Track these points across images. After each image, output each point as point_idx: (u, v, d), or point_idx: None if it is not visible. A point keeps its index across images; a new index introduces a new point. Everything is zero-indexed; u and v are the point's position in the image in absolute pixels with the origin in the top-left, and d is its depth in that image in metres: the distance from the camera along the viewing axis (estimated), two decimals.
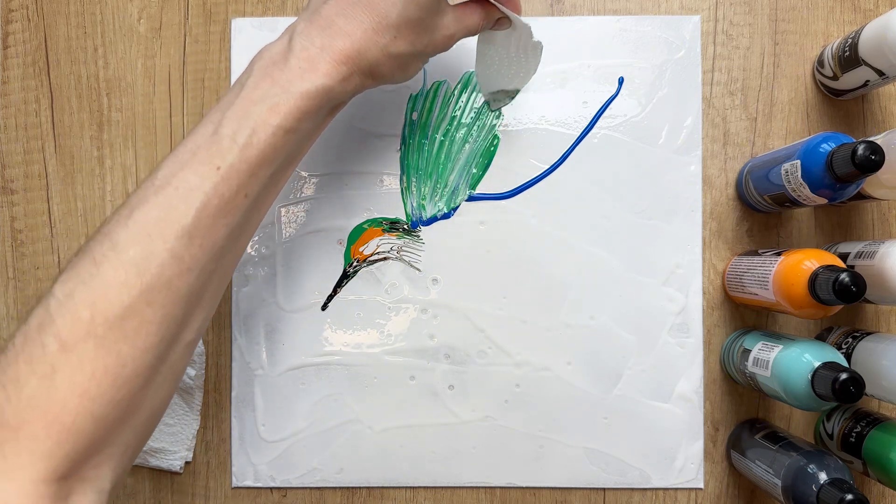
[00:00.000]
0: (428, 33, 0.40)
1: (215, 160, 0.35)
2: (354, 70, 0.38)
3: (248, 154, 0.36)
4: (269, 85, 0.37)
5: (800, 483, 0.41)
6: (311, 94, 0.37)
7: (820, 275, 0.39)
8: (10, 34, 0.53)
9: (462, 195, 0.52)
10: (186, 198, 0.34)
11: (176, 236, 0.34)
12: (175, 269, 0.34)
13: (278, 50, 0.38)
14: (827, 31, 0.52)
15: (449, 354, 0.51)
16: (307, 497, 0.52)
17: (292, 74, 0.37)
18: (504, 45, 0.46)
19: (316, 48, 0.37)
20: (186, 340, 0.36)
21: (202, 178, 0.35)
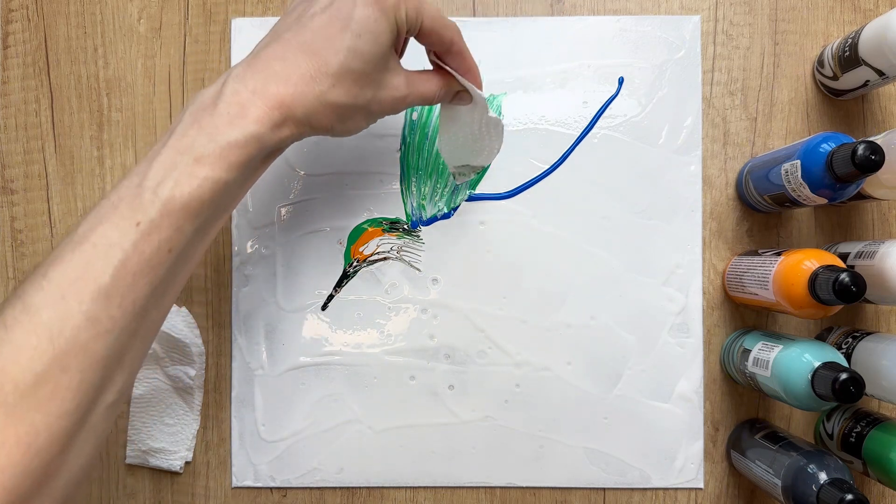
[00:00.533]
0: (371, 89, 0.39)
1: (136, 215, 0.33)
2: (288, 117, 0.36)
3: (171, 208, 0.34)
4: (196, 132, 0.35)
5: (800, 483, 0.41)
6: (241, 143, 0.35)
7: (820, 275, 0.39)
8: (10, 34, 0.53)
9: (462, 195, 0.52)
10: (105, 255, 0.33)
11: (92, 297, 0.32)
12: (92, 332, 0.32)
13: (210, 94, 0.36)
14: (827, 31, 0.52)
15: (449, 354, 0.51)
16: (307, 497, 0.52)
17: (220, 120, 0.35)
18: (467, 121, 0.46)
19: (248, 92, 0.36)
20: (107, 402, 0.34)
21: (122, 234, 0.33)
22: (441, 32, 0.41)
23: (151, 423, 0.51)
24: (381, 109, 0.41)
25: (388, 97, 0.40)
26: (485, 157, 0.49)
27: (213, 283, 0.52)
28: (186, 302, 0.52)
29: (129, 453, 0.52)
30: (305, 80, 0.37)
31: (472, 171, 0.50)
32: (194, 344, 0.51)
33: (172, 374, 0.51)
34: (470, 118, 0.45)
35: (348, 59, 0.37)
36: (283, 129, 0.37)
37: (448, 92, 0.43)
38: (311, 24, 0.37)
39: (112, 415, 0.36)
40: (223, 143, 0.35)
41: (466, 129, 0.46)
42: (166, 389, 0.51)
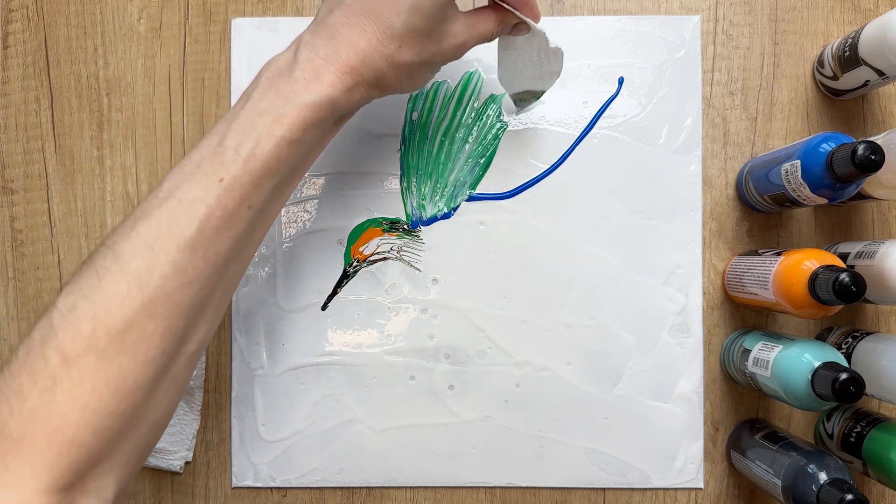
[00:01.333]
0: (435, 42, 0.40)
1: (219, 172, 0.35)
2: (359, 80, 0.38)
3: (252, 166, 0.35)
4: (274, 96, 0.37)
5: (800, 483, 0.41)
6: (316, 105, 0.37)
7: (820, 275, 0.39)
8: (10, 34, 0.53)
9: (462, 195, 0.52)
10: (189, 210, 0.34)
11: (179, 248, 0.34)
12: (177, 282, 0.34)
13: (284, 61, 0.38)
14: (827, 31, 0.52)
15: (449, 354, 0.51)
16: (307, 497, 0.52)
17: (297, 86, 0.37)
18: (525, 49, 0.46)
19: (320, 59, 0.37)
20: (189, 352, 0.36)
21: (205, 190, 0.35)
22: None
23: None
24: (444, 59, 0.42)
25: (451, 45, 0.41)
26: (545, 82, 0.48)
27: None
28: None
29: None
30: (373, 45, 0.38)
31: (532, 96, 0.50)
32: None
33: None
34: (529, 46, 0.45)
35: (411, 17, 0.38)
36: (354, 92, 0.38)
37: (506, 27, 0.44)
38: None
39: (193, 364, 0.37)
40: (300, 104, 0.36)
41: (525, 56, 0.46)
42: None
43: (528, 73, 0.48)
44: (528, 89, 0.49)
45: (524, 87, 0.49)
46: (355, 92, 0.38)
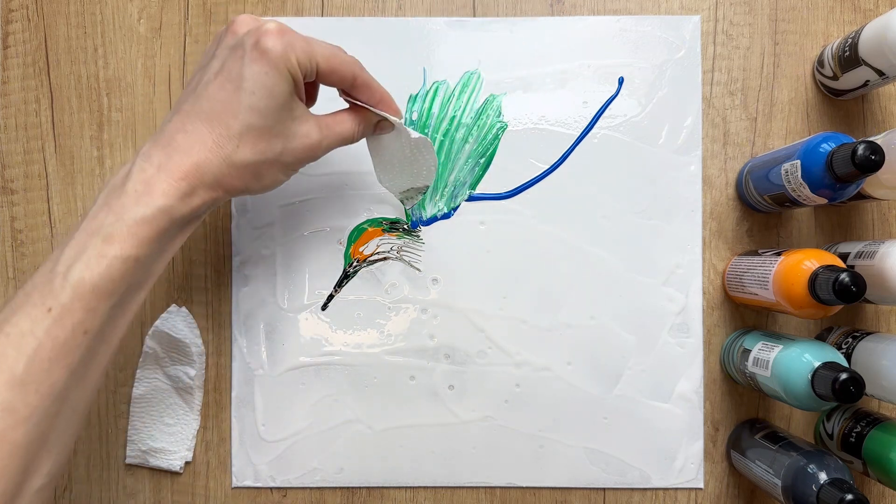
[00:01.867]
0: (280, 141, 0.39)
1: (47, 301, 0.34)
2: (196, 185, 0.37)
3: (82, 290, 0.34)
4: (105, 214, 0.36)
5: (800, 483, 0.41)
6: (148, 219, 0.36)
7: (820, 275, 0.39)
8: (10, 34, 0.53)
9: (462, 195, 0.52)
10: (17, 345, 0.33)
11: (7, 387, 0.33)
12: (8, 421, 0.32)
13: (119, 176, 0.37)
14: (827, 31, 0.52)
15: (449, 354, 0.51)
16: (307, 497, 0.52)
17: (128, 199, 0.36)
18: (395, 146, 0.46)
19: (153, 168, 0.37)
20: (35, 487, 0.35)
21: (34, 323, 0.34)
22: (340, 70, 0.41)
23: (151, 423, 0.51)
24: (296, 159, 0.41)
25: (300, 146, 0.40)
26: (425, 177, 0.49)
27: (213, 283, 0.52)
28: (186, 302, 0.52)
29: (129, 453, 0.52)
30: (209, 147, 0.37)
31: (417, 192, 0.50)
32: (194, 344, 0.51)
33: (172, 374, 0.51)
34: (398, 143, 0.46)
35: (247, 117, 0.38)
36: (193, 197, 0.37)
37: (367, 126, 0.44)
38: (207, 92, 0.38)
39: (44, 496, 0.35)
40: (130, 221, 0.35)
41: (398, 154, 0.47)
42: (166, 389, 0.52)
43: (406, 171, 0.48)
44: (412, 187, 0.49)
45: (406, 185, 0.49)
46: (194, 198, 0.37)
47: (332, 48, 0.41)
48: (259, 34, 0.38)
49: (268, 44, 0.37)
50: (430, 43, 0.52)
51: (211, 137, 0.37)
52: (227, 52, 0.39)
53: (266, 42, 0.37)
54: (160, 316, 0.51)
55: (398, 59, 0.52)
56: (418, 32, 0.52)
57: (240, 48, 0.38)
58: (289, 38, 0.38)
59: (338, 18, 0.52)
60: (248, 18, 0.40)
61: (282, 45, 0.37)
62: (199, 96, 0.38)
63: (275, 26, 0.38)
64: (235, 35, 0.39)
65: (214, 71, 0.38)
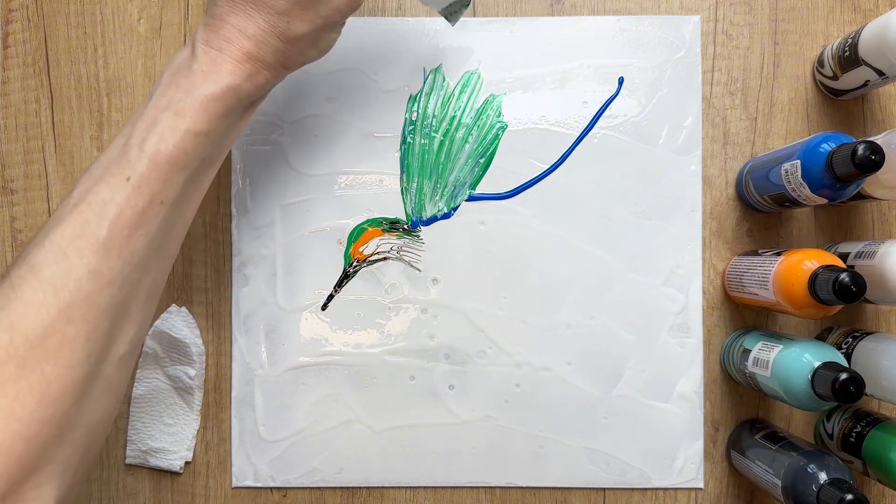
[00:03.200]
0: (325, 4, 0.39)
1: (125, 171, 0.35)
2: (259, 65, 0.38)
3: (158, 161, 0.35)
4: (174, 91, 0.37)
5: (800, 483, 0.41)
6: (217, 96, 0.37)
7: (820, 275, 0.39)
8: (10, 34, 0.53)
9: (462, 195, 0.52)
10: (99, 212, 0.34)
11: (92, 251, 0.34)
12: (94, 284, 0.34)
13: (183, 57, 0.38)
14: (827, 31, 0.52)
15: (449, 354, 0.51)
16: (307, 497, 0.52)
17: (196, 78, 0.37)
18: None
19: (215, 50, 0.38)
20: (119, 353, 0.36)
21: (114, 191, 0.35)
22: None
23: (151, 423, 0.51)
24: (342, 14, 0.41)
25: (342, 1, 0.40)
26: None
27: (213, 283, 0.52)
28: (186, 302, 0.52)
29: (129, 453, 0.52)
30: (262, 27, 0.38)
31: (460, 5, 0.48)
32: (194, 344, 0.51)
33: (172, 374, 0.51)
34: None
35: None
36: (258, 76, 0.39)
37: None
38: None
39: (127, 366, 0.37)
40: (201, 96, 0.37)
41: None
42: (166, 389, 0.52)
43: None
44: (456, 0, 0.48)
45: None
46: (259, 77, 0.39)
47: None
48: None
49: None
50: (430, 43, 0.52)
51: (262, 18, 0.38)
52: None
53: None
54: (160, 316, 0.51)
55: (398, 59, 0.52)
56: (418, 32, 0.52)
57: None
58: None
59: None
60: None
61: None
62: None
63: None
64: None
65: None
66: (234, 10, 0.38)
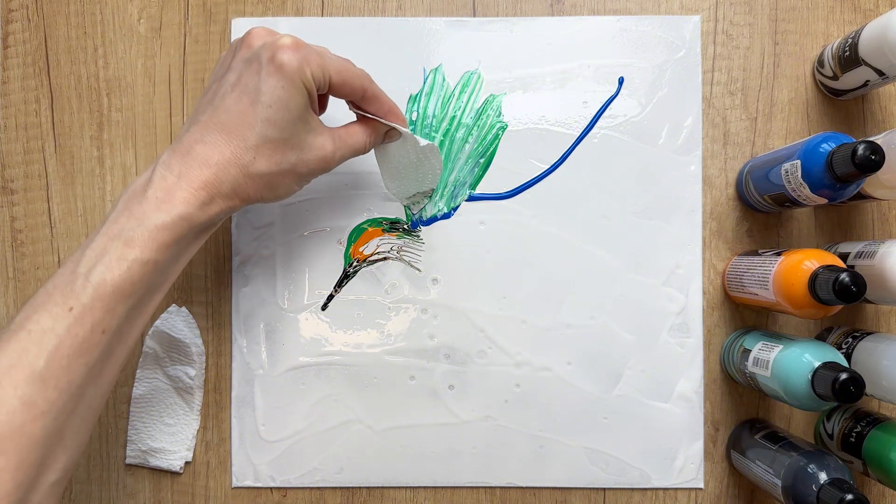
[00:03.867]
0: (294, 152, 0.40)
1: (69, 301, 0.35)
2: (215, 195, 0.38)
3: (102, 291, 0.35)
4: (126, 218, 0.37)
5: (800, 483, 0.41)
6: (168, 225, 0.37)
7: (820, 275, 0.39)
8: (10, 34, 0.53)
9: (462, 195, 0.52)
10: (39, 341, 0.34)
11: (27, 382, 0.34)
12: (28, 415, 0.33)
13: (140, 182, 0.38)
14: (827, 31, 0.52)
15: (449, 354, 0.51)
16: (307, 497, 0.52)
17: (149, 206, 0.37)
18: (402, 153, 0.47)
19: (174, 177, 0.38)
20: (50, 481, 0.35)
21: (55, 320, 0.35)
22: (351, 83, 0.42)
23: (151, 423, 0.51)
24: (309, 170, 0.42)
25: (314, 157, 0.41)
26: (431, 180, 0.50)
27: (213, 283, 0.52)
28: (186, 302, 0.52)
29: (129, 453, 0.52)
30: (226, 158, 0.38)
31: (423, 196, 0.51)
32: (194, 344, 0.51)
33: (172, 374, 0.51)
34: (404, 150, 0.47)
35: (264, 129, 0.39)
36: (212, 206, 0.39)
37: (377, 137, 0.45)
38: (224, 104, 0.39)
39: (58, 491, 0.36)
40: (151, 226, 0.37)
41: (404, 160, 0.48)
42: (166, 389, 0.52)
43: (412, 176, 0.49)
44: (417, 191, 0.50)
45: (412, 190, 0.50)
46: (212, 206, 0.39)
47: (344, 61, 0.42)
48: (275, 48, 0.39)
49: (283, 58, 0.38)
50: (430, 43, 0.52)
51: (229, 149, 0.39)
52: (242, 65, 0.40)
53: (282, 56, 0.38)
54: (160, 316, 0.51)
55: (398, 59, 0.52)
56: (418, 32, 0.52)
57: (255, 61, 0.39)
58: (304, 53, 0.39)
59: (338, 18, 0.52)
60: (263, 31, 0.41)
61: (297, 60, 0.38)
62: (217, 108, 0.39)
63: (290, 41, 0.39)
64: (251, 48, 0.40)
65: (231, 83, 0.39)
66: (203, 138, 0.39)
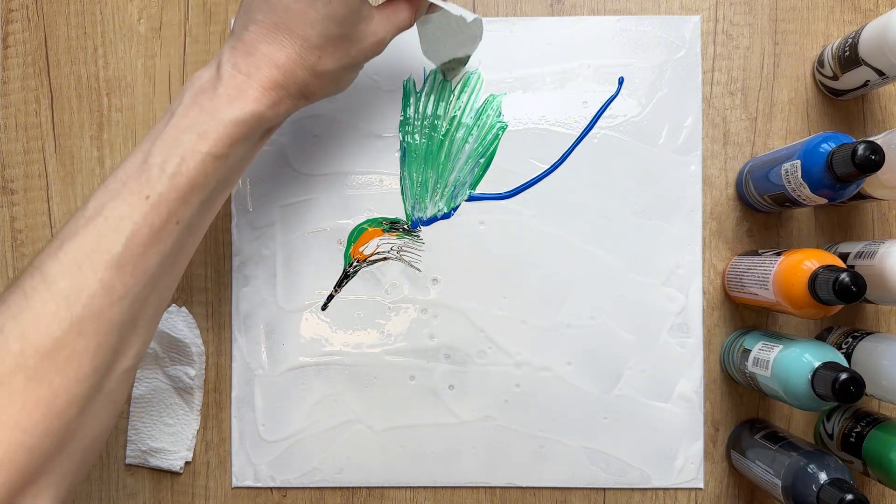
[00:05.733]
0: (354, 44, 0.40)
1: (144, 189, 0.35)
2: (283, 94, 0.39)
3: (178, 182, 0.36)
4: (198, 113, 0.37)
5: (800, 483, 0.41)
6: (241, 122, 0.37)
7: (820, 275, 0.39)
8: (10, 34, 0.53)
9: (462, 195, 0.52)
10: (116, 228, 0.35)
11: (106, 266, 0.34)
12: (106, 300, 0.34)
13: (207, 77, 0.38)
14: (827, 31, 0.52)
15: (449, 354, 0.51)
16: (307, 497, 0.52)
17: (220, 102, 0.37)
18: (442, 20, 0.47)
19: (242, 76, 0.38)
20: (123, 368, 0.36)
21: (132, 208, 0.35)
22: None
23: (151, 423, 0.51)
24: (366, 58, 0.42)
25: (370, 44, 0.41)
26: (468, 46, 0.49)
27: (213, 283, 0.52)
28: (186, 302, 0.52)
29: (129, 453, 0.52)
30: (292, 58, 0.38)
31: (459, 63, 0.50)
32: (194, 344, 0.51)
33: (172, 374, 0.51)
34: (446, 19, 0.46)
35: (325, 27, 0.38)
36: (280, 105, 0.39)
37: (421, 10, 0.44)
38: (281, 2, 0.38)
39: (128, 380, 0.37)
40: (225, 120, 0.37)
41: (444, 27, 0.47)
42: (166, 389, 0.52)
43: (451, 42, 0.49)
44: (454, 57, 0.50)
45: (449, 55, 0.50)
46: (281, 106, 0.39)
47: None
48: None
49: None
50: None
51: (294, 49, 0.38)
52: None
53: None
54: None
55: (398, 59, 0.52)
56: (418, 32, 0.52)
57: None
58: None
59: None
60: None
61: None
62: (274, 6, 0.38)
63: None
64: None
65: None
66: (266, 38, 0.38)
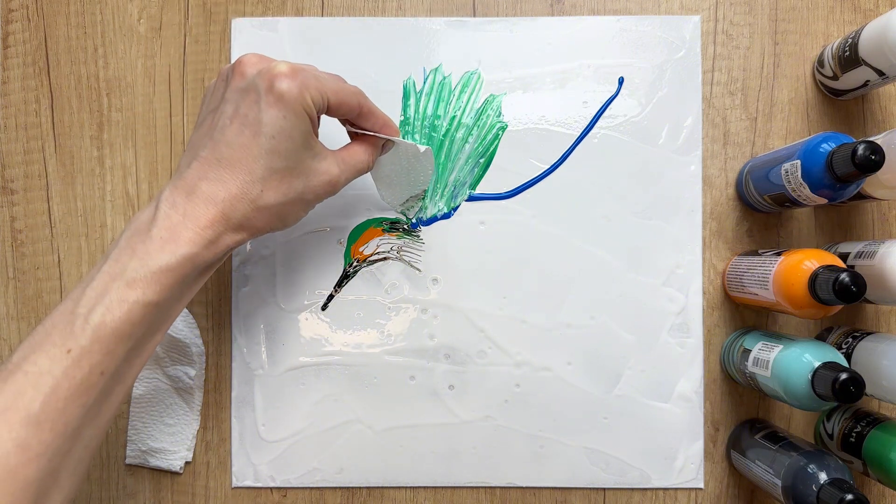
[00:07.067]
0: (301, 180, 0.40)
1: (67, 342, 0.34)
2: (222, 230, 0.38)
3: (102, 333, 0.35)
4: (129, 258, 0.36)
5: (800, 483, 0.41)
6: (172, 267, 0.36)
7: (820, 275, 0.39)
8: (10, 34, 0.53)
9: (462, 195, 0.52)
10: (35, 384, 0.33)
11: (22, 424, 0.33)
12: (21, 458, 0.33)
13: (143, 219, 0.37)
14: (827, 31, 0.52)
15: (449, 354, 0.51)
16: (307, 497, 0.52)
17: (152, 246, 0.36)
18: (394, 161, 0.47)
19: (178, 216, 0.37)
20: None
21: (52, 362, 0.34)
22: (348, 101, 0.41)
23: (151, 423, 0.51)
24: (316, 196, 0.41)
25: (321, 182, 0.41)
26: (422, 182, 0.50)
27: (213, 283, 0.52)
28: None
29: (129, 453, 0.52)
30: (234, 194, 0.38)
31: (416, 200, 0.51)
32: (194, 344, 0.51)
33: (172, 374, 0.51)
34: (396, 158, 0.47)
35: (269, 161, 0.38)
36: (218, 243, 0.38)
37: (377, 153, 0.45)
38: (224, 137, 0.38)
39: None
40: (154, 267, 0.36)
41: (396, 167, 0.48)
42: (166, 389, 0.52)
43: (404, 181, 0.49)
44: (410, 195, 0.51)
45: (405, 195, 0.50)
46: (219, 243, 0.38)
47: (337, 79, 0.41)
48: (272, 76, 0.38)
49: (283, 86, 0.37)
50: (430, 43, 0.52)
51: (235, 184, 0.38)
52: (238, 96, 0.39)
53: (281, 85, 0.37)
54: None
55: (398, 59, 0.52)
56: (418, 32, 0.52)
57: (253, 91, 0.38)
58: (301, 78, 0.38)
59: (338, 18, 0.52)
60: (255, 58, 0.40)
61: (297, 87, 0.38)
62: (217, 142, 0.38)
63: (287, 67, 0.38)
64: (245, 77, 0.39)
65: (229, 115, 0.38)
66: (207, 175, 0.38)
